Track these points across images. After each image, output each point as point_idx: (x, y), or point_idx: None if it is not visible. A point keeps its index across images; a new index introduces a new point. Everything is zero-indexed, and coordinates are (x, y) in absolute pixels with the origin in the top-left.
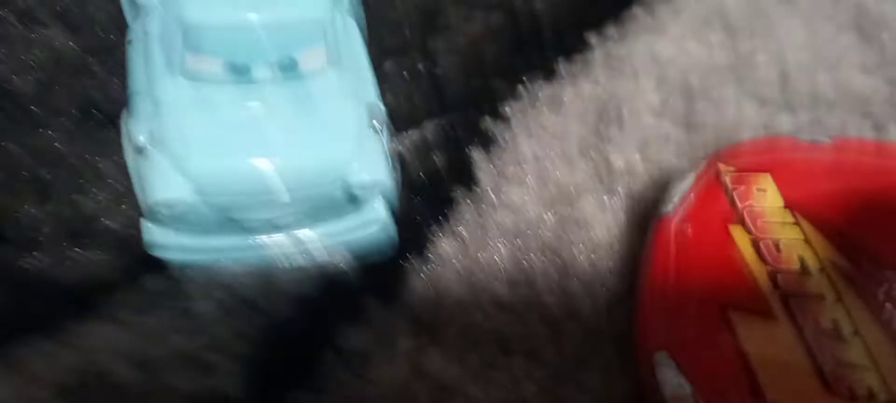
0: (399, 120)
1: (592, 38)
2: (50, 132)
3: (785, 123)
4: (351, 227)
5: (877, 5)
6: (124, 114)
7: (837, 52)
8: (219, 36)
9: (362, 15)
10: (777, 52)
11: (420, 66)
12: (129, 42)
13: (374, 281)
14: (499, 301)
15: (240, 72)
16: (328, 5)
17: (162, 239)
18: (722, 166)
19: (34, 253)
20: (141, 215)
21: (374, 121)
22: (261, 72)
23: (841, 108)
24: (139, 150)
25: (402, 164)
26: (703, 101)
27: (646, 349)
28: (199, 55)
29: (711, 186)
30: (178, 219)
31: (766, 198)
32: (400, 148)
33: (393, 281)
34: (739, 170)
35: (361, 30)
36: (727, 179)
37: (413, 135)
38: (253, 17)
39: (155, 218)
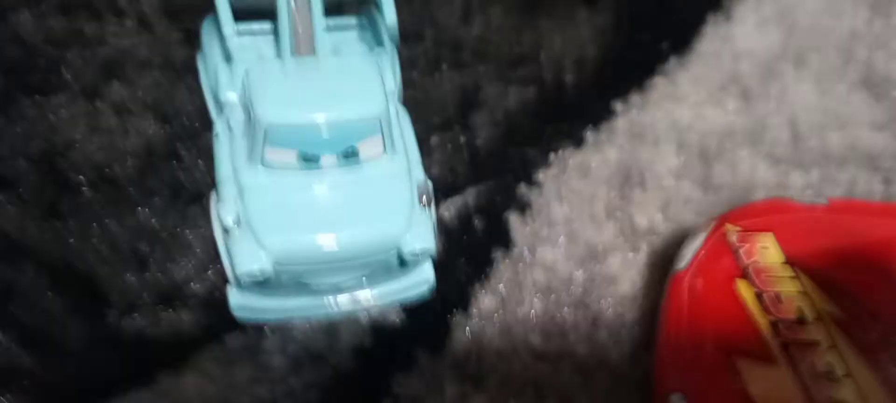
0: (444, 188)
1: (618, 107)
2: (145, 210)
3: (797, 181)
4: (404, 288)
5: (886, 64)
6: (213, 198)
7: (848, 110)
8: (292, 132)
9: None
10: (790, 114)
11: (462, 139)
12: (216, 136)
13: (424, 334)
14: (535, 351)
15: (310, 161)
16: (383, 102)
17: (245, 303)
18: (729, 226)
19: (134, 315)
20: (225, 282)
21: (423, 197)
22: (328, 160)
23: (851, 165)
24: (227, 230)
25: (446, 229)
26: (720, 163)
27: (663, 392)
28: (276, 148)
29: (720, 244)
30: (259, 286)
31: (768, 255)
32: (445, 213)
33: (440, 334)
34: (744, 230)
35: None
36: (734, 238)
37: (457, 201)
38: (321, 117)
39: (239, 285)
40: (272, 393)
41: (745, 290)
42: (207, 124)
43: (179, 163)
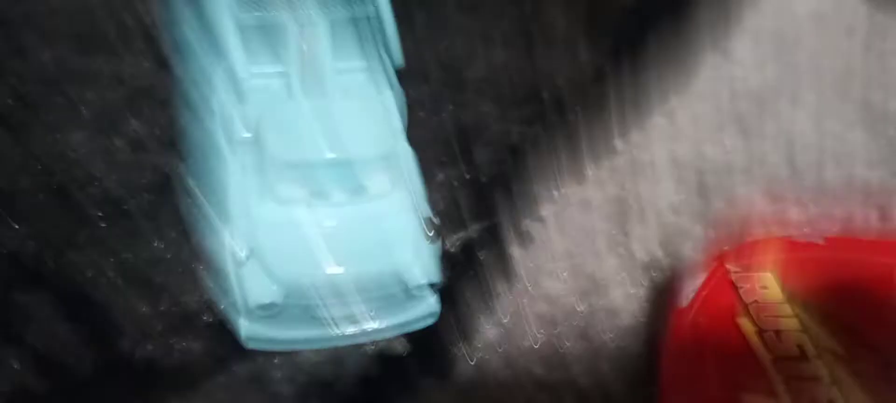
0: (449, 224)
1: (619, 145)
2: (161, 245)
3: (795, 216)
4: (410, 320)
5: (883, 103)
6: (226, 233)
7: (845, 147)
8: (303, 170)
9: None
10: (787, 151)
11: (467, 176)
12: (230, 174)
13: (429, 365)
14: (538, 382)
15: (320, 197)
16: (390, 142)
17: (256, 334)
18: (729, 266)
19: (148, 345)
20: (236, 313)
21: (429, 232)
22: (337, 196)
23: (848, 200)
24: (239, 263)
25: (451, 263)
26: (719, 199)
27: None
28: (287, 185)
29: (721, 283)
30: (270, 318)
31: (768, 293)
32: (450, 247)
33: (445, 365)
34: (745, 268)
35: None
36: (734, 277)
37: (462, 236)
38: (331, 156)
39: (251, 317)
40: None
41: (747, 327)
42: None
43: (192, 198)
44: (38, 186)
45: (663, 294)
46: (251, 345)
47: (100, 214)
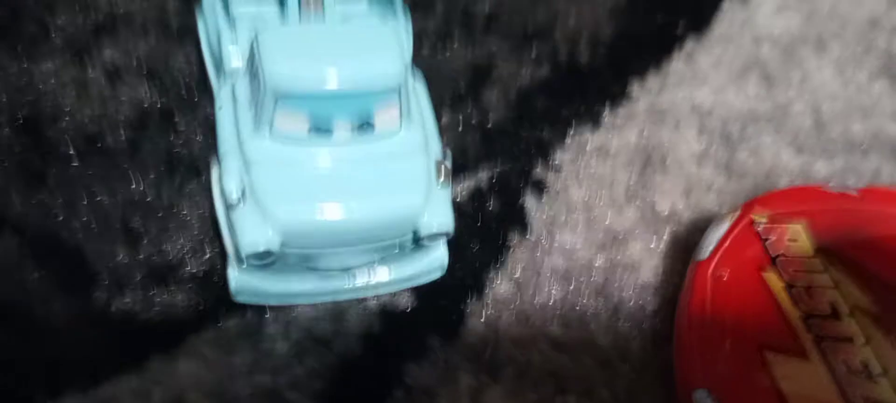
0: (455, 169)
1: (635, 90)
2: (140, 186)
3: (821, 169)
4: (418, 272)
5: None
6: (215, 172)
7: (870, 100)
8: (304, 99)
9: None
10: (812, 101)
11: (474, 119)
12: (220, 108)
13: (436, 321)
14: (554, 341)
15: (322, 131)
16: (402, 74)
17: (247, 286)
18: (756, 215)
19: (126, 297)
20: (223, 262)
21: (442, 174)
22: (341, 132)
23: (875, 154)
24: (231, 206)
25: (459, 211)
26: (743, 150)
27: (686, 387)
28: (286, 117)
29: (746, 233)
30: (263, 267)
31: (798, 245)
32: (457, 195)
33: (454, 321)
34: (772, 219)
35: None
36: (761, 227)
37: (469, 183)
38: (335, 82)
39: (241, 265)
40: (273, 381)
41: (774, 281)
42: (207, 93)
43: (176, 137)
44: (4, 120)
45: (685, 247)
46: (241, 299)
47: (72, 151)
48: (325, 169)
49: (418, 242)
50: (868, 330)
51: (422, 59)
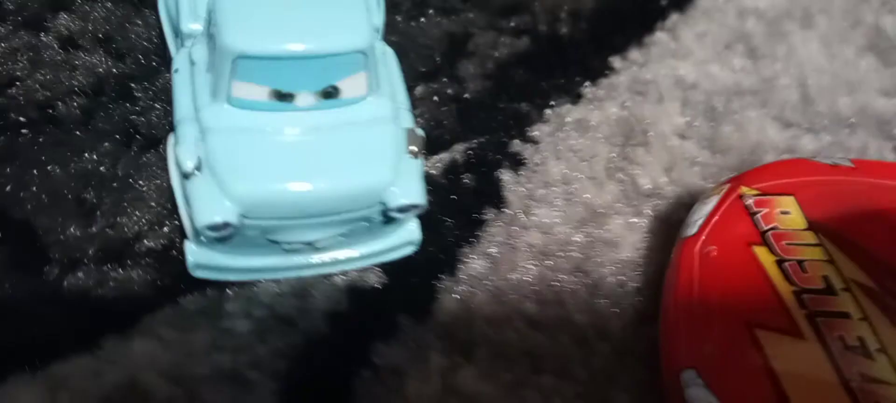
0: (430, 143)
1: (617, 63)
2: (94, 156)
3: (808, 145)
4: (387, 248)
5: (894, 29)
6: (170, 140)
7: (857, 75)
8: (265, 65)
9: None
10: (798, 76)
11: (450, 91)
12: (176, 71)
13: (407, 299)
14: (530, 319)
15: (284, 99)
16: (369, 36)
17: (205, 261)
18: (745, 189)
19: (78, 273)
20: (182, 237)
21: (412, 147)
22: (304, 99)
23: (862, 130)
24: (187, 176)
25: (433, 186)
26: (728, 124)
27: (673, 367)
28: (245, 83)
29: (734, 208)
30: (223, 241)
31: (789, 219)
32: (431, 169)
33: (425, 299)
34: (762, 193)
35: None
36: (750, 201)
37: (444, 157)
38: (298, 46)
39: (200, 240)
40: (234, 362)
41: (764, 257)
42: (165, 62)
43: (133, 105)
44: None
45: (668, 224)
46: (199, 274)
47: (22, 119)
48: (287, 137)
49: (388, 216)
50: (864, 305)
51: (396, 27)
